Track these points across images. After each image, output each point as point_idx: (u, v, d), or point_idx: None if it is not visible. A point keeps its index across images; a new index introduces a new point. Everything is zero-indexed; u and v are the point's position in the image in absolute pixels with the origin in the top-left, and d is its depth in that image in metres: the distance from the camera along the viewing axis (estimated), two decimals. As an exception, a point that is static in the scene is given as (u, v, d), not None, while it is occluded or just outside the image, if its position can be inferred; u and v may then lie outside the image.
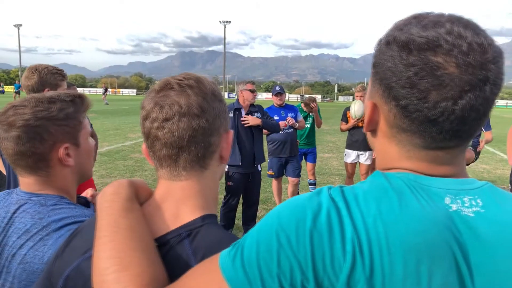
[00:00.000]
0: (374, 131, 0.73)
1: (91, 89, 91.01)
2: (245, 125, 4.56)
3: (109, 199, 0.77)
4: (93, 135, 4.45)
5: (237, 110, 4.65)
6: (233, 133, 4.74)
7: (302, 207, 0.63)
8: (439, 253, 0.59)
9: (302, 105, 6.48)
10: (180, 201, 0.79)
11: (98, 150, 10.18)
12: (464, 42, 0.59)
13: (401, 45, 0.62)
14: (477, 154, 5.97)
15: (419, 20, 0.63)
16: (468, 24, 0.61)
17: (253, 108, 4.75)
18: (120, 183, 0.81)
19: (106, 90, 38.53)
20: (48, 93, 1.18)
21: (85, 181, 1.30)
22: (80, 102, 1.21)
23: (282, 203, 0.67)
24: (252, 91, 4.68)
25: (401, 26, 0.64)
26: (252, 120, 4.58)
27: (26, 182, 1.16)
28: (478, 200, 0.64)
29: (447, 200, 0.63)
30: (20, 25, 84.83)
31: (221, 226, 0.82)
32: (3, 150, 1.12)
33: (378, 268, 0.58)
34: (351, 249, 0.58)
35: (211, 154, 0.81)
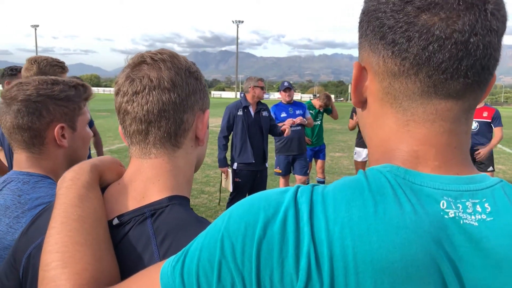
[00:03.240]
0: (364, 104, 0.62)
1: (105, 88, 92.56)
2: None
3: (65, 186, 0.74)
4: (95, 133, 4.48)
5: (245, 107, 4.65)
6: (244, 131, 4.87)
7: (256, 208, 0.53)
8: (422, 273, 0.47)
9: (313, 101, 6.39)
10: (149, 180, 0.76)
11: (109, 148, 10.28)
12: None
13: None
14: (492, 161, 5.64)
15: None
16: None
17: (262, 106, 4.75)
18: (81, 167, 0.77)
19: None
20: (53, 77, 1.25)
21: None
22: (82, 90, 1.26)
23: (244, 198, 0.57)
24: (263, 89, 4.72)
25: None
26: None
27: (19, 160, 1.20)
28: (486, 205, 0.51)
29: (443, 204, 0.50)
30: (37, 26, 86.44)
31: (190, 208, 0.78)
32: (2, 125, 1.17)
33: None
34: (306, 264, 0.48)
35: (184, 133, 0.78)
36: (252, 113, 4.67)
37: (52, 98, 1.17)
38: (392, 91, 0.56)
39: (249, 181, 4.63)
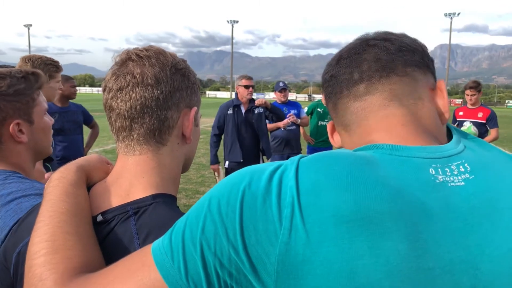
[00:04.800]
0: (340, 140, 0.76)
1: (100, 88, 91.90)
2: (256, 105, 4.58)
3: (52, 185, 0.75)
4: (94, 125, 4.47)
5: (236, 106, 4.61)
6: (234, 130, 4.68)
7: (244, 173, 0.57)
8: (403, 226, 0.50)
9: (323, 99, 6.41)
10: (134, 178, 0.76)
11: (103, 148, 10.22)
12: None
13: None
14: None
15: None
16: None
17: (254, 104, 4.68)
18: (67, 168, 0.78)
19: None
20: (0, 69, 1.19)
21: (45, 157, 1.31)
22: (33, 79, 1.20)
23: None
24: (247, 87, 4.55)
25: None
26: (260, 100, 4.58)
27: None
28: (466, 165, 0.58)
29: (432, 171, 0.56)
30: (30, 25, 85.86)
31: (176, 206, 0.78)
32: None
33: (323, 238, 0.49)
34: (290, 213, 0.50)
35: (168, 130, 0.78)
36: (243, 111, 4.62)
37: (0, 95, 1.12)
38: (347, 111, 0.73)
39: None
